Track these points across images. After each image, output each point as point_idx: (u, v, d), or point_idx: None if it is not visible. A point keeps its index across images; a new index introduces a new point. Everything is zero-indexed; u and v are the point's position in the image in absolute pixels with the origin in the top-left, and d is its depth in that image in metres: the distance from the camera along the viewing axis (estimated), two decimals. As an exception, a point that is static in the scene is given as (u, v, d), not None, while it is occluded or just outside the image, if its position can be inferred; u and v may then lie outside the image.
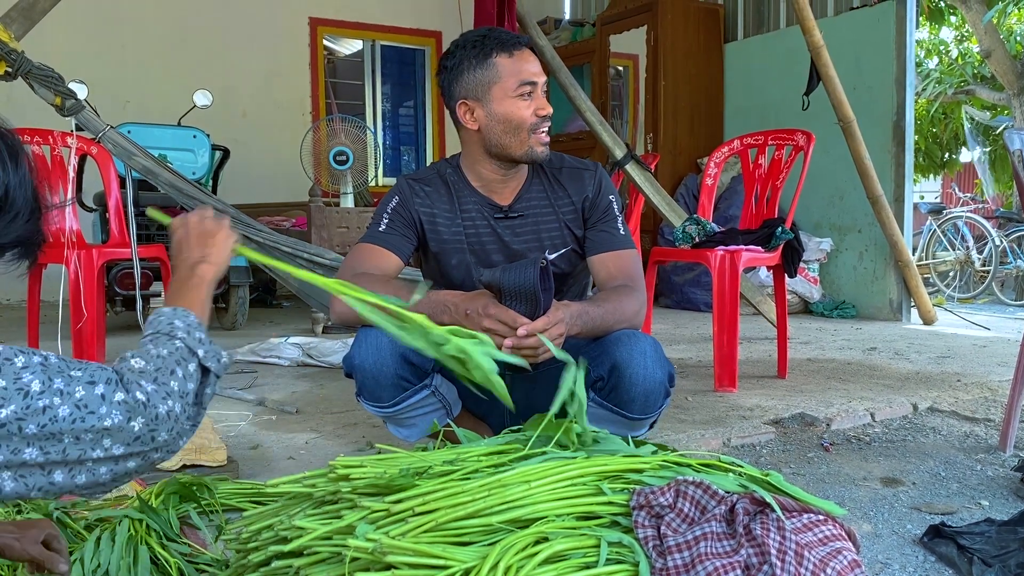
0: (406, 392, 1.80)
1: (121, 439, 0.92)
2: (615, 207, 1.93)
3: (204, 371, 1.04)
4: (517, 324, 1.57)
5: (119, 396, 0.93)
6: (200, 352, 1.04)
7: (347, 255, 1.93)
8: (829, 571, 1.11)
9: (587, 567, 1.08)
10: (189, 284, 1.15)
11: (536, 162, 1.88)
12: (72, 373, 0.92)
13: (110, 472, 0.93)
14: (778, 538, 1.11)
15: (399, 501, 1.14)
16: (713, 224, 3.24)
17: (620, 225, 1.92)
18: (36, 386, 0.88)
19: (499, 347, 1.59)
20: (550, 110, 1.86)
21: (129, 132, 4.21)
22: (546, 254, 1.68)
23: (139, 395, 0.95)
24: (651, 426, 1.85)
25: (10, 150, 0.97)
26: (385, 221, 1.90)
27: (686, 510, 1.19)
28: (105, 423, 0.91)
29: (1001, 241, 7.25)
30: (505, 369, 1.75)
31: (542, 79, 1.85)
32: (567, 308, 1.65)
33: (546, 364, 1.71)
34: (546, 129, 1.86)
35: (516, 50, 1.84)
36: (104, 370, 0.94)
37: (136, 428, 0.93)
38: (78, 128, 3.29)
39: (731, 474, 1.30)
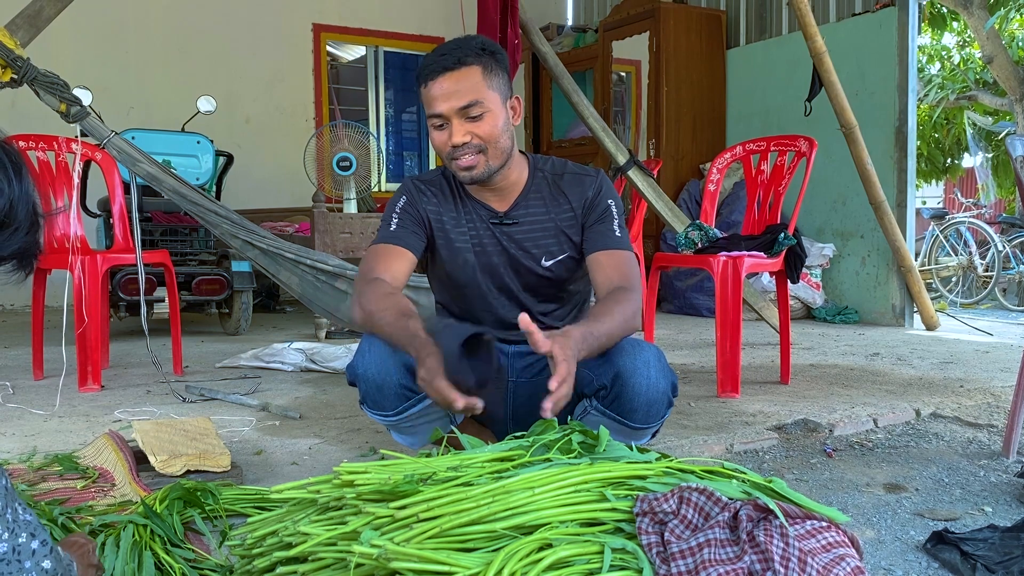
0: (409, 401, 1.81)
1: None
2: (614, 210, 1.92)
3: None
4: (455, 407, 1.49)
5: (47, 563, 0.93)
6: None
7: (362, 259, 1.94)
8: (832, 577, 1.11)
9: (591, 573, 1.08)
10: None
11: (463, 184, 1.90)
12: (21, 513, 0.91)
13: None
14: (781, 544, 1.12)
15: (403, 507, 1.14)
16: (716, 230, 3.24)
17: (617, 227, 1.91)
18: None
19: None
20: (463, 139, 1.79)
21: (133, 138, 4.24)
22: (491, 330, 1.57)
23: (59, 570, 0.95)
24: (654, 435, 1.85)
25: (13, 165, 0.98)
26: (395, 220, 1.91)
27: (690, 516, 1.19)
28: None
29: (1004, 246, 7.23)
30: (506, 376, 1.76)
31: (450, 105, 1.77)
32: (573, 342, 1.56)
33: (547, 372, 1.71)
34: (465, 155, 1.80)
35: (431, 79, 1.80)
36: (43, 529, 0.94)
37: None
38: (83, 134, 3.30)
39: (734, 480, 1.31)
